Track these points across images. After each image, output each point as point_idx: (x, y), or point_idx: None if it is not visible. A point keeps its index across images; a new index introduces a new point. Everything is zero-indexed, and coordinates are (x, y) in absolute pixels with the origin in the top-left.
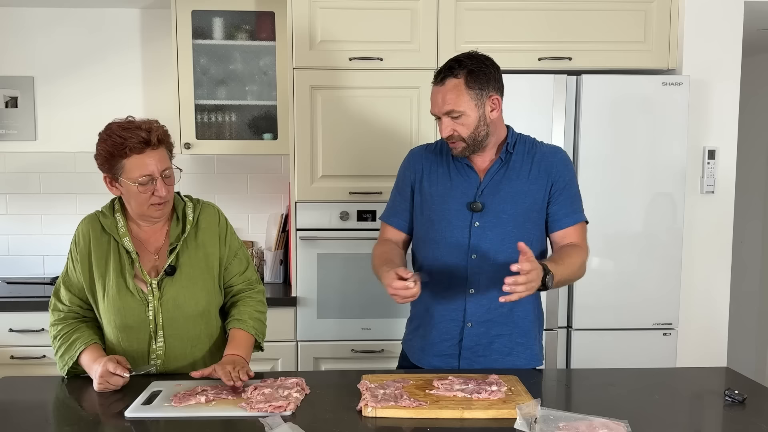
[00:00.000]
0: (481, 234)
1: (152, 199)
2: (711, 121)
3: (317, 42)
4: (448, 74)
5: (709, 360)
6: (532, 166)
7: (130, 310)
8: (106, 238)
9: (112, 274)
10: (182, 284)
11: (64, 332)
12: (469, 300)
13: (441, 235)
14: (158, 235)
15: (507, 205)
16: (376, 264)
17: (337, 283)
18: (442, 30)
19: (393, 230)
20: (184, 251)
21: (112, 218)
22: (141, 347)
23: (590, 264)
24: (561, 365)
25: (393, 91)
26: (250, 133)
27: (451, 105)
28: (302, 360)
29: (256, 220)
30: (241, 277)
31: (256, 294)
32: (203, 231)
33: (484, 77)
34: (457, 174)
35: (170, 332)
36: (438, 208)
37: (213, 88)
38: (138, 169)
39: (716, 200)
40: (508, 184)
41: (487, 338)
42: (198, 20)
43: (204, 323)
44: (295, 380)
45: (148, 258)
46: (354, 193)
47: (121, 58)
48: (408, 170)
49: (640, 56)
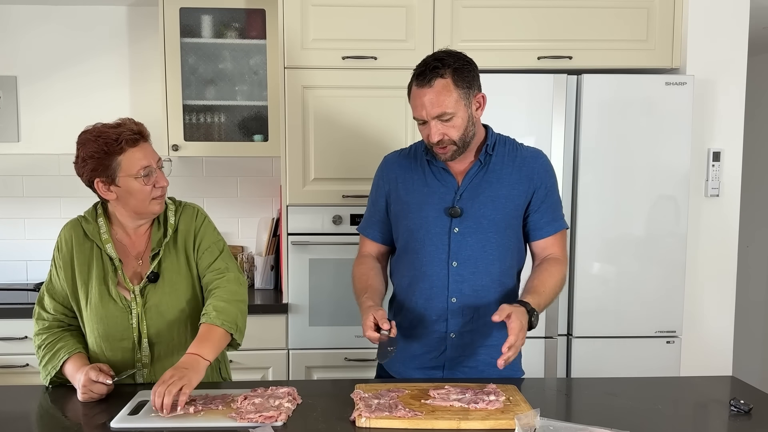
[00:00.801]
0: (461, 240)
1: (153, 192)
2: (716, 121)
3: (309, 40)
4: (434, 75)
5: (714, 369)
6: (513, 170)
7: (113, 318)
8: (89, 245)
9: (94, 282)
10: (165, 291)
11: (48, 341)
12: (451, 310)
13: (420, 243)
14: (141, 240)
15: (487, 209)
16: (357, 288)
17: (329, 290)
18: (438, 28)
19: (370, 243)
20: (166, 256)
21: (94, 223)
22: (125, 356)
23: (591, 269)
24: (561, 374)
25: (387, 91)
26: (240, 135)
27: (442, 107)
28: (294, 369)
29: (246, 224)
30: (209, 269)
31: (226, 282)
32: (181, 233)
33: (470, 75)
34: (433, 179)
35: (155, 340)
36: (415, 216)
37: (202, 88)
38: (137, 162)
39: (721, 204)
40: (488, 187)
41: (471, 349)
42: (186, 18)
43: (189, 330)
44: (286, 390)
45: (131, 264)
46: (347, 197)
47: (106, 57)
48: (382, 179)
49: (643, 55)
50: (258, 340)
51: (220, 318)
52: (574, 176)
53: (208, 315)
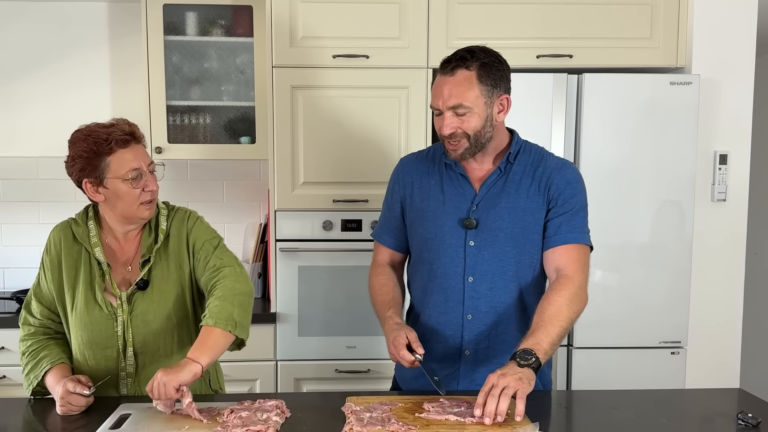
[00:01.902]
0: (476, 254)
1: (142, 197)
2: (722, 123)
3: (298, 38)
4: (460, 65)
5: (721, 381)
6: (533, 180)
7: (97, 325)
8: (78, 248)
9: (81, 286)
10: (153, 299)
11: (32, 349)
12: (466, 327)
13: (435, 255)
14: (130, 246)
15: (504, 221)
16: (377, 300)
17: (319, 298)
18: (433, 25)
19: (385, 250)
20: (156, 263)
21: (84, 226)
22: (109, 365)
23: (593, 277)
24: (561, 386)
25: (380, 91)
26: (226, 137)
27: (459, 99)
28: (282, 381)
29: (233, 230)
30: (205, 270)
31: (222, 279)
32: (173, 238)
33: (498, 74)
34: (450, 186)
35: (140, 349)
36: (431, 225)
37: (186, 88)
38: (126, 164)
39: (728, 208)
40: (506, 198)
41: (486, 366)
42: (170, 15)
43: (176, 339)
44: (274, 403)
45: (120, 270)
46: (338, 201)
47: (86, 55)
48: (397, 183)
49: (647, 53)
50: (245, 350)
51: (213, 318)
52: None
53: (204, 318)
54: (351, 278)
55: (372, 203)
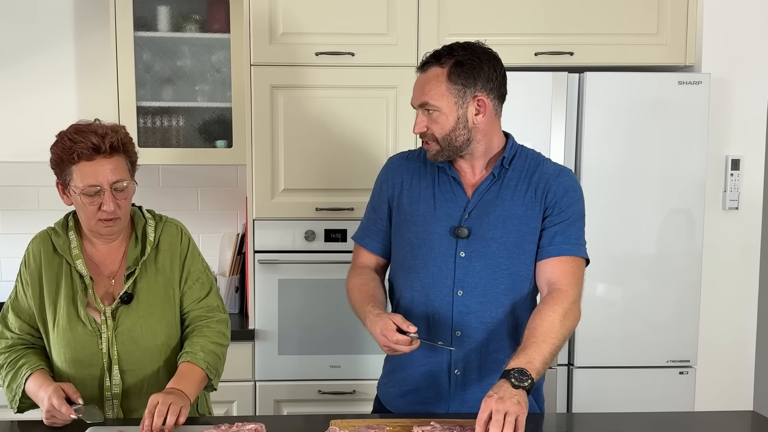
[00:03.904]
0: (467, 266)
1: (99, 214)
2: (735, 125)
3: (279, 34)
4: (433, 61)
5: (733, 403)
6: (529, 187)
7: (80, 342)
8: (58, 260)
9: (63, 301)
10: (139, 314)
11: (10, 360)
12: (455, 344)
13: (422, 262)
14: (115, 257)
15: (497, 231)
16: (355, 299)
17: (301, 314)
18: (423, 21)
19: (367, 254)
20: (142, 276)
21: (64, 237)
22: (93, 384)
23: (594, 291)
24: (561, 409)
25: (367, 91)
26: (201, 140)
27: (427, 97)
28: (261, 403)
29: (208, 240)
30: (199, 304)
31: (216, 324)
32: (163, 253)
33: (473, 72)
34: (441, 190)
35: (126, 368)
36: (419, 230)
37: (158, 88)
38: (85, 178)
39: (741, 217)
40: (500, 205)
41: (479, 387)
42: (140, 9)
43: (164, 358)
44: (253, 426)
45: (104, 283)
46: (321, 210)
47: (50, 53)
48: (385, 183)
49: (653, 51)
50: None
51: (206, 361)
52: None
53: (194, 354)
54: (335, 292)
55: (358, 212)
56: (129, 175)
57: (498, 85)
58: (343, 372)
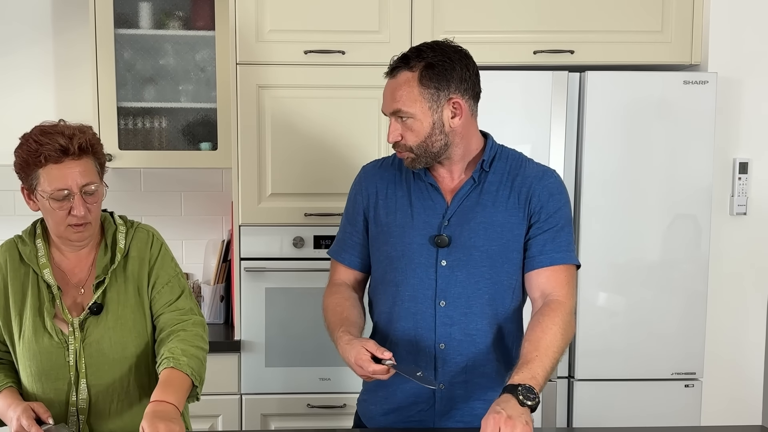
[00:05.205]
0: (449, 275)
1: (69, 219)
2: (743, 127)
3: (266, 31)
4: (402, 65)
5: (741, 417)
6: (511, 191)
7: (47, 355)
8: (25, 269)
9: (29, 312)
10: (108, 325)
11: None
12: (439, 357)
13: (402, 275)
14: (83, 265)
15: (479, 238)
16: (330, 321)
17: (289, 324)
18: (417, 17)
19: (344, 269)
20: (112, 285)
21: (31, 245)
22: (60, 398)
23: (596, 301)
24: (561, 423)
25: (357, 91)
26: (185, 142)
27: (398, 104)
28: (247, 417)
29: (192, 247)
30: (170, 307)
31: (192, 326)
32: (132, 260)
33: (445, 74)
34: (418, 197)
35: (94, 381)
36: (397, 242)
37: (139, 88)
38: (53, 182)
39: (749, 223)
40: (481, 212)
41: (465, 402)
42: (121, 5)
43: (134, 372)
44: None
45: (72, 293)
46: (310, 215)
47: (27, 52)
48: (360, 194)
49: (657, 49)
50: (205, 383)
51: (190, 366)
52: (576, 191)
53: (176, 359)
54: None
55: None
56: (98, 178)
57: (472, 85)
58: (333, 385)
